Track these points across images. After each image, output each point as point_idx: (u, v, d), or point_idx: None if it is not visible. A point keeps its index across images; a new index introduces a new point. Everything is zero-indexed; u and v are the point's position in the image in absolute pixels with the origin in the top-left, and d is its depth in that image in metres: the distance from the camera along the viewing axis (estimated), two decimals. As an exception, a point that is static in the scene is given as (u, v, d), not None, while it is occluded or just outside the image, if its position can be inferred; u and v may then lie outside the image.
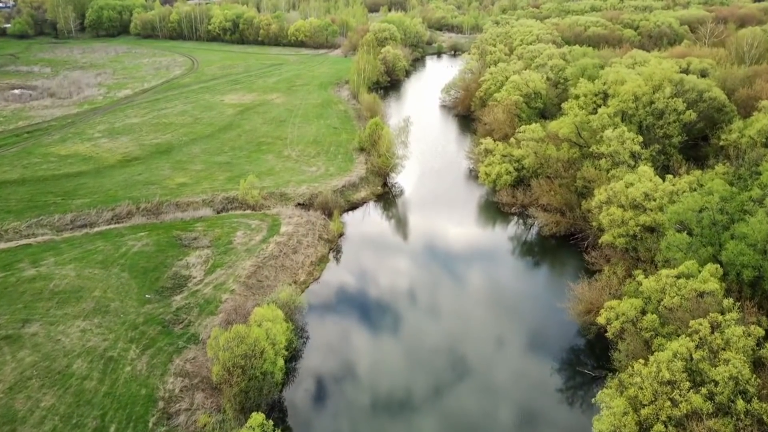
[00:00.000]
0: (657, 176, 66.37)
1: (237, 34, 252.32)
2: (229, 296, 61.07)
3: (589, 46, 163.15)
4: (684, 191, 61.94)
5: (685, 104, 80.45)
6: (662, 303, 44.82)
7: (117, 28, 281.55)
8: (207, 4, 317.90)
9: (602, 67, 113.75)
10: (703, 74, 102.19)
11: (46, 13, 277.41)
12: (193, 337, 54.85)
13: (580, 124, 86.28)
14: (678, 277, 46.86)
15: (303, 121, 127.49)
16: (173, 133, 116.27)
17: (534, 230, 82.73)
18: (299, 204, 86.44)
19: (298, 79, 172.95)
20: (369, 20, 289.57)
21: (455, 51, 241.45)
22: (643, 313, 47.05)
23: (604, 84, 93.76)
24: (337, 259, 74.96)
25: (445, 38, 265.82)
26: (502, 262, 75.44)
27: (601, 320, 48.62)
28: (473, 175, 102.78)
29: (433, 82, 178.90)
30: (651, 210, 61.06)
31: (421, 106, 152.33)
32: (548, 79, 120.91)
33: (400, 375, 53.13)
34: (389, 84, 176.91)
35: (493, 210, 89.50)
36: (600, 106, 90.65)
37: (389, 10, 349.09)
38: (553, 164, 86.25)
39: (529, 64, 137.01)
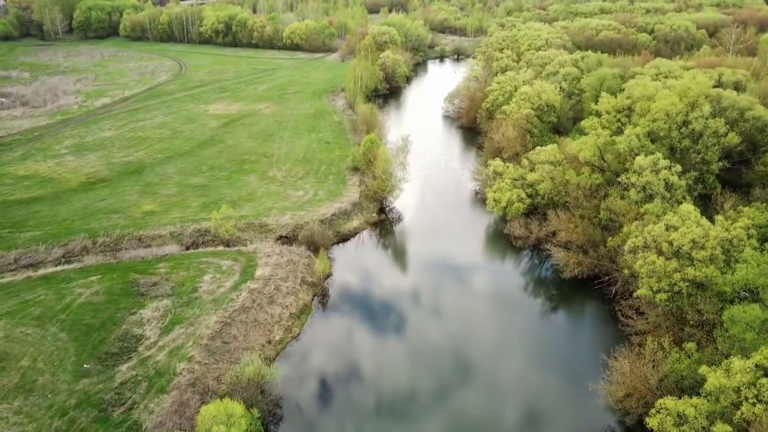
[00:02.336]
0: (701, 216, 55.27)
1: (230, 36, 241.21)
2: (185, 366, 50.06)
3: (601, 51, 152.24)
4: (741, 239, 50.89)
5: (726, 125, 69.46)
6: (739, 412, 33.72)
7: (106, 30, 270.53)
8: (201, 4, 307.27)
9: (622, 78, 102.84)
10: (737, 87, 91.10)
11: (33, 13, 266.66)
12: (134, 427, 43.83)
13: (604, 146, 75.17)
14: (757, 368, 35.76)
15: (292, 134, 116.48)
16: (148, 149, 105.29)
17: (551, 270, 71.66)
18: (282, 237, 75.51)
19: (291, 86, 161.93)
20: (369, 22, 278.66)
21: (458, 55, 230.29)
22: (710, 418, 35.93)
23: (629, 99, 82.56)
24: (323, 307, 63.98)
25: (448, 41, 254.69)
26: (514, 312, 64.29)
27: (652, 423, 37.53)
28: (479, 198, 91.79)
29: (435, 89, 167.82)
30: (700, 261, 49.95)
31: (423, 117, 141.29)
32: (562, 89, 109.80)
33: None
34: (389, 91, 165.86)
35: (503, 243, 78.43)
36: (624, 124, 79.65)
37: (390, 11, 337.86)
38: (572, 191, 75.21)
39: (539, 71, 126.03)
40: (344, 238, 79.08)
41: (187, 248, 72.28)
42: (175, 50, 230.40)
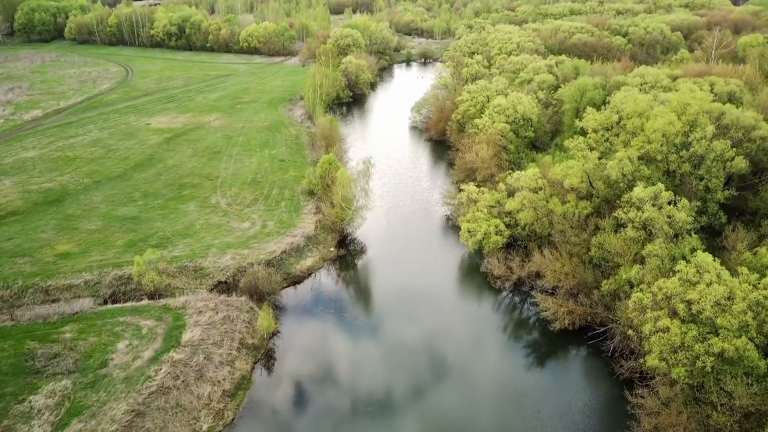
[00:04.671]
0: (718, 265, 45.76)
1: (183, 39, 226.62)
2: (76, 483, 38.30)
3: (576, 55, 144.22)
4: (775, 300, 41.46)
5: (733, 148, 60.48)
6: None
7: (51, 33, 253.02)
8: (156, 5, 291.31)
9: (604, 87, 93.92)
10: (731, 99, 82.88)
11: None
12: None
13: (593, 172, 65.58)
14: None
15: (242, 151, 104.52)
16: (74, 172, 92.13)
17: (535, 315, 61.63)
18: (220, 283, 63.85)
19: (245, 94, 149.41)
20: (332, 23, 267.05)
21: (426, 58, 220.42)
22: None
23: (617, 114, 73.27)
24: (267, 376, 52.71)
25: (415, 44, 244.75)
26: (493, 370, 53.92)
27: None
28: (451, 225, 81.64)
29: (402, 96, 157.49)
30: (727, 329, 40.30)
31: (389, 128, 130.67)
32: (539, 100, 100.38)
33: None
34: (352, 99, 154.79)
35: (480, 282, 68.22)
36: (613, 144, 70.29)
37: (354, 12, 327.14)
38: (558, 223, 65.40)
39: (512, 79, 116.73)
40: (296, 281, 67.85)
41: (105, 302, 60.12)
42: (123, 55, 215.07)
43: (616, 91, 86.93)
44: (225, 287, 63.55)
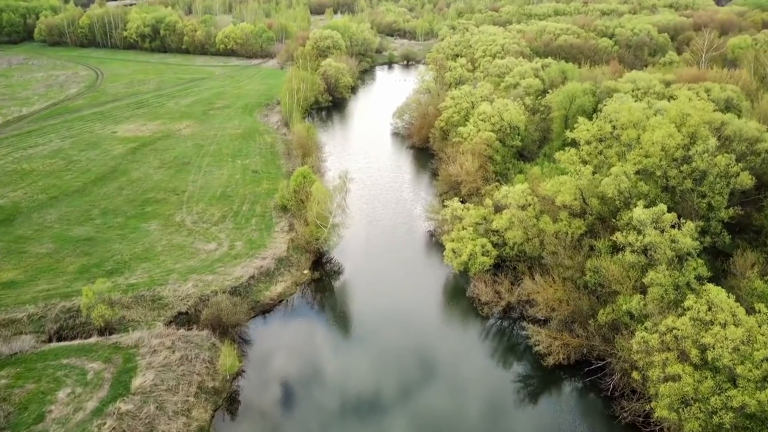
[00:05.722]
0: (732, 302, 40.88)
1: (158, 41, 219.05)
2: None
3: (562, 57, 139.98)
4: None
5: (738, 164, 55.88)
6: None
7: (20, 34, 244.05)
8: (131, 5, 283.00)
9: (594, 94, 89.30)
10: (729, 106, 78.72)
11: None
12: None
13: (587, 188, 60.64)
14: None
15: (213, 161, 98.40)
16: (29, 187, 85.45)
17: (525, 344, 56.45)
18: (180, 314, 57.90)
19: (220, 99, 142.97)
20: (313, 24, 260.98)
21: (408, 60, 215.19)
22: None
23: (611, 123, 68.41)
24: (230, 423, 46.96)
25: (397, 45, 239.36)
26: (480, 410, 48.65)
27: None
28: (435, 242, 76.47)
29: (383, 100, 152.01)
30: (749, 380, 35.37)
31: (370, 135, 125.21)
32: (526, 106, 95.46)
33: None
34: (331, 103, 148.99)
35: (466, 308, 62.97)
36: (608, 157, 65.43)
37: (335, 12, 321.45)
38: (549, 243, 60.33)
39: (497, 83, 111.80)
40: (266, 309, 62.09)
41: (50, 338, 53.86)
42: (95, 57, 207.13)
43: (607, 98, 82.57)
44: (185, 318, 57.59)
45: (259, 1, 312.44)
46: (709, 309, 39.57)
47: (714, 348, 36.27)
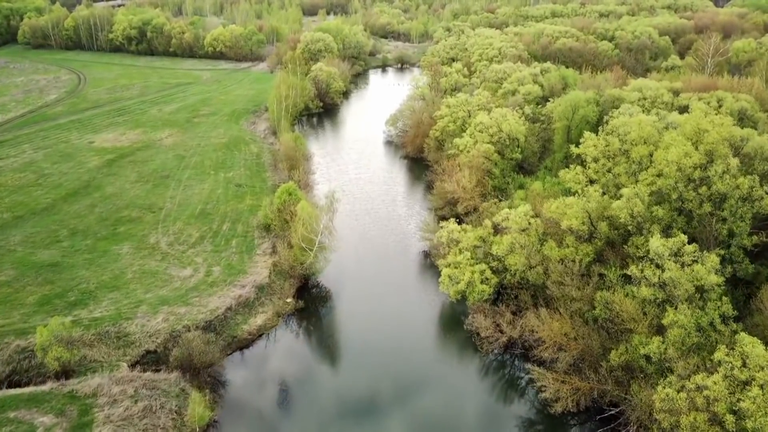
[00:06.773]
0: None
1: (144, 44, 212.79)
2: None
3: (561, 61, 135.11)
4: None
5: (763, 186, 50.75)
6: None
7: (3, 37, 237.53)
8: (120, 6, 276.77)
9: (598, 103, 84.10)
10: (743, 117, 73.73)
11: None
12: None
13: (596, 212, 55.38)
14: None
15: (195, 174, 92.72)
16: (-7, 204, 79.72)
17: (531, 389, 51.18)
18: (148, 353, 52.35)
19: (206, 105, 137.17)
20: (305, 25, 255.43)
21: (402, 63, 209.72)
22: None
23: (620, 139, 63.22)
24: (197, 486, 41.48)
25: (391, 47, 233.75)
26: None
27: None
28: (429, 264, 71.16)
29: (377, 106, 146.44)
30: (795, 455, 30.19)
31: (361, 143, 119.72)
32: (525, 116, 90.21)
33: None
34: (323, 109, 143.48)
35: (464, 342, 57.57)
36: (617, 176, 60.22)
37: (328, 13, 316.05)
38: (554, 271, 55.01)
39: (495, 89, 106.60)
40: (243, 345, 56.58)
41: (1, 383, 48.29)
42: (79, 60, 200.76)
43: (612, 108, 77.50)
44: (154, 358, 52.10)
45: (251, 2, 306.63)
46: (743, 364, 34.32)
47: (755, 417, 31.00)
